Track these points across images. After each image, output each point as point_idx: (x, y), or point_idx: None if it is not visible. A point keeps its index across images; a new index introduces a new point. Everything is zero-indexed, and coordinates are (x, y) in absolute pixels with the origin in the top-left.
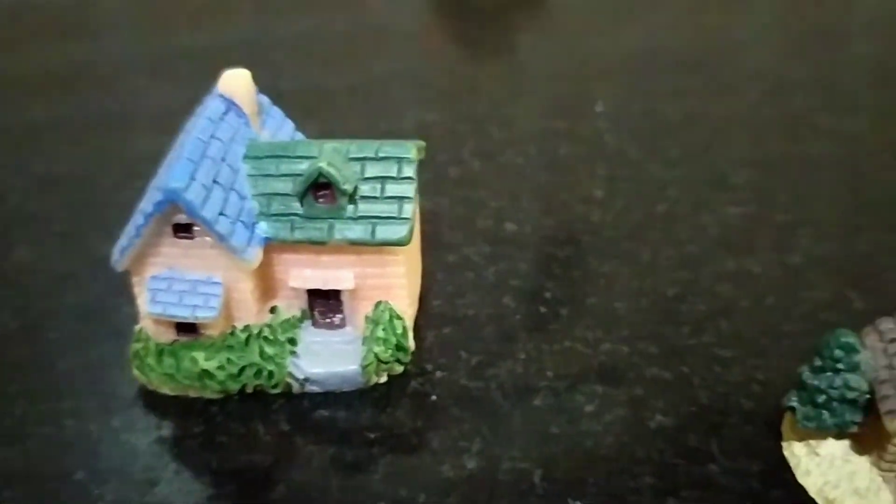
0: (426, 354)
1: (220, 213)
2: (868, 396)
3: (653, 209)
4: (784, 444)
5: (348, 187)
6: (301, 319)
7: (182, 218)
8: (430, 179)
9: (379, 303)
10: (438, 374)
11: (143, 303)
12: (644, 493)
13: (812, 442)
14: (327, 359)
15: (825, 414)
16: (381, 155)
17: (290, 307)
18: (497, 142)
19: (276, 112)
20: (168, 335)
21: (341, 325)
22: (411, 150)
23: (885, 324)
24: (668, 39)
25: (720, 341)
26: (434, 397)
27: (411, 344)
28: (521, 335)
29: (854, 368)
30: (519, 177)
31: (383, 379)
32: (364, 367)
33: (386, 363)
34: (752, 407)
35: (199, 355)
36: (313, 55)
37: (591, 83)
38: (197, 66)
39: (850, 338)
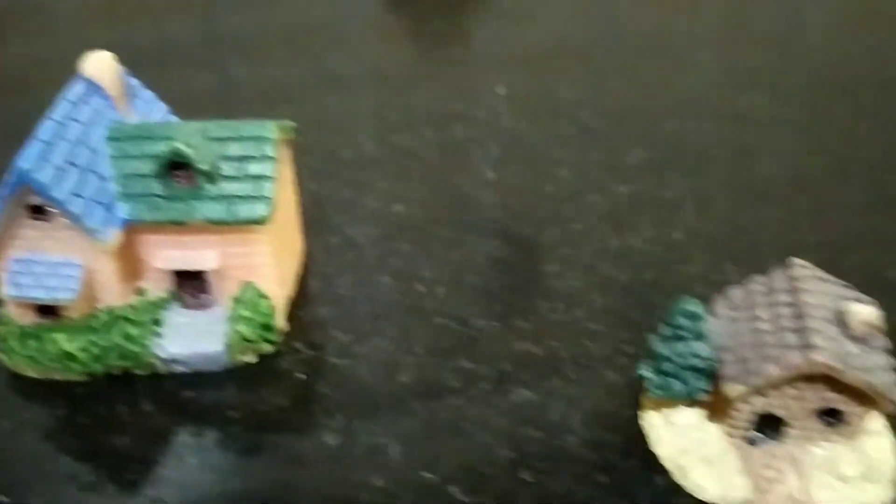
0: (298, 334)
1: (74, 194)
2: (714, 364)
3: (542, 189)
4: (641, 415)
5: (206, 167)
6: (168, 300)
7: (36, 199)
8: (321, 163)
9: (245, 282)
10: (308, 353)
11: (3, 285)
12: (498, 466)
13: (667, 411)
14: (192, 339)
15: (674, 382)
16: (242, 135)
17: (158, 288)
18: (393, 125)
19: (148, 95)
20: (29, 318)
21: (209, 306)
22: (273, 129)
23: (734, 292)
24: (580, 29)
25: (592, 316)
26: (301, 376)
27: (281, 323)
28: (395, 314)
29: (699, 336)
30: (412, 159)
31: (251, 358)
32: (228, 347)
33: (252, 342)
34: (617, 379)
35: (61, 337)
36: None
37: (496, 68)
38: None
39: (694, 306)
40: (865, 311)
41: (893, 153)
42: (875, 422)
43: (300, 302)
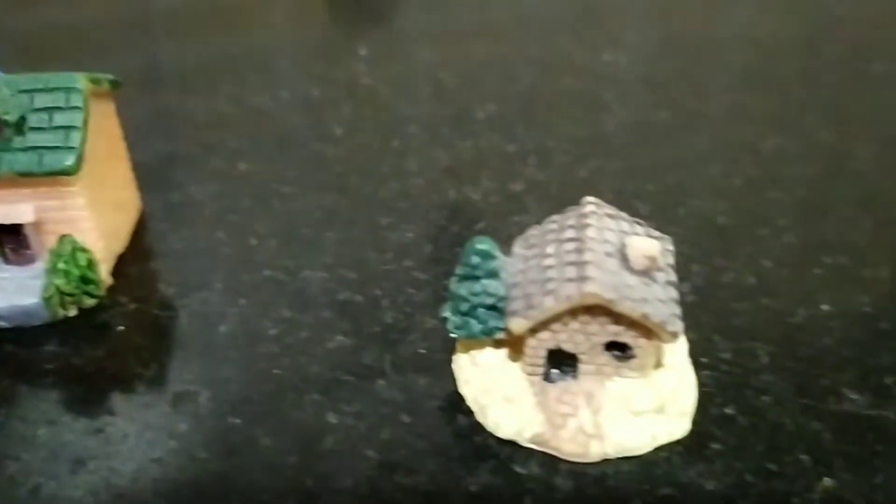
0: (125, 288)
1: None
2: (505, 301)
3: (388, 144)
4: (453, 358)
5: (11, 118)
6: None
7: None
8: (173, 122)
9: (63, 236)
10: (132, 305)
11: None
12: (306, 409)
13: (474, 352)
14: (11, 293)
15: (472, 322)
16: (50, 86)
17: None
18: (251, 86)
19: None
20: None
21: (30, 261)
22: (81, 80)
23: (531, 231)
24: None
25: (419, 265)
26: (121, 328)
27: (104, 277)
28: (224, 266)
29: (491, 275)
30: (265, 118)
31: (72, 312)
32: (46, 300)
33: (71, 296)
34: (435, 325)
35: None
36: None
37: (357, 30)
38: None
39: (486, 245)
40: (644, 245)
41: (737, 107)
42: (674, 357)
43: (131, 257)
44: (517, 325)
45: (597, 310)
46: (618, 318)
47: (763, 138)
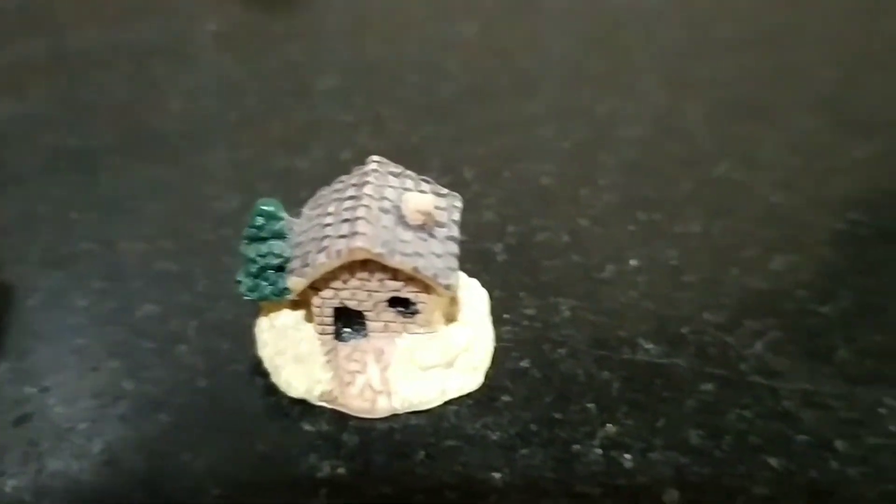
0: None
1: None
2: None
3: (223, 116)
4: (256, 322)
5: None
6: None
7: None
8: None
9: None
10: None
11: None
12: (102, 376)
13: (272, 315)
14: None
15: (262, 283)
16: None
17: None
18: (95, 62)
19: None
20: None
21: None
22: None
23: (321, 191)
24: None
25: (238, 234)
26: None
27: None
28: (41, 240)
29: (278, 235)
30: (102, 95)
31: None
32: None
33: None
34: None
35: None
36: None
37: (208, 4)
38: None
39: (270, 206)
40: (418, 200)
41: (576, 72)
42: (472, 313)
43: None
44: (293, 283)
45: (373, 266)
46: (395, 273)
47: (598, 102)
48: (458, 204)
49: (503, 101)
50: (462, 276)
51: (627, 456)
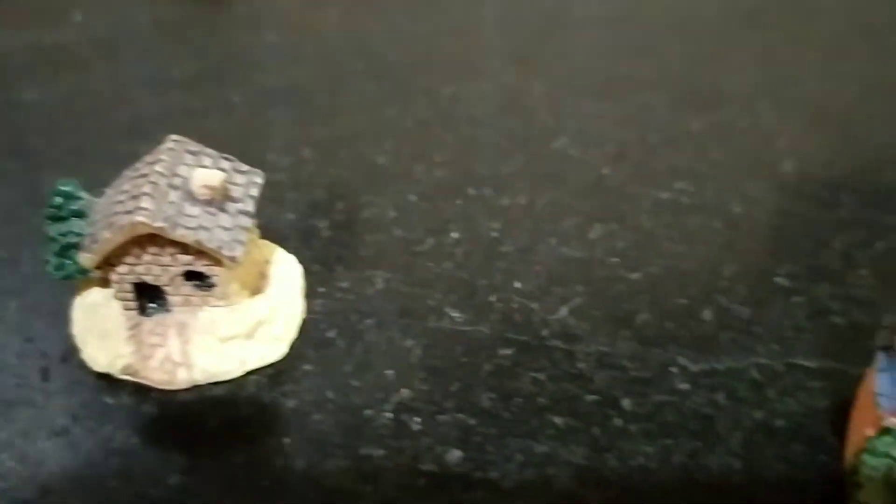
0: None
1: None
2: None
3: (69, 105)
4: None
5: None
6: None
7: None
8: None
9: None
10: None
11: None
12: None
13: (85, 293)
14: None
15: (67, 262)
16: None
17: None
18: None
19: None
20: None
21: None
22: None
23: (125, 172)
24: None
25: None
26: None
27: None
28: None
29: (78, 214)
30: None
31: None
32: None
33: None
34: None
35: None
36: None
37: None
38: None
39: (68, 186)
40: (203, 176)
41: (426, 55)
42: (281, 286)
43: None
44: (83, 259)
45: (162, 241)
46: (185, 247)
47: (445, 84)
48: (258, 180)
49: (351, 84)
50: (278, 251)
51: (417, 419)
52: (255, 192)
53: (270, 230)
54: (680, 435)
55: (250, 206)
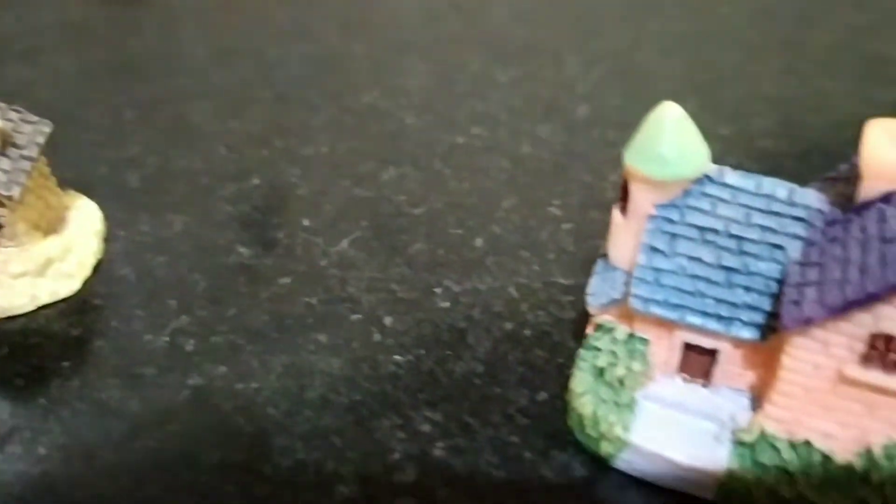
0: None
1: None
2: None
3: None
4: None
5: None
6: None
7: None
8: None
9: None
10: None
11: None
12: None
13: None
14: None
15: None
16: None
17: None
18: None
19: None
20: None
21: None
22: None
23: None
24: None
25: None
26: None
27: None
28: None
29: None
30: None
31: None
32: None
33: None
34: None
35: None
36: None
37: None
38: None
39: None
40: None
41: (265, 22)
42: (77, 229)
43: None
44: None
45: None
46: None
47: (272, 47)
48: (46, 129)
49: (184, 49)
50: (81, 199)
51: (191, 342)
52: (41, 139)
53: (80, 182)
54: (433, 346)
55: (34, 152)
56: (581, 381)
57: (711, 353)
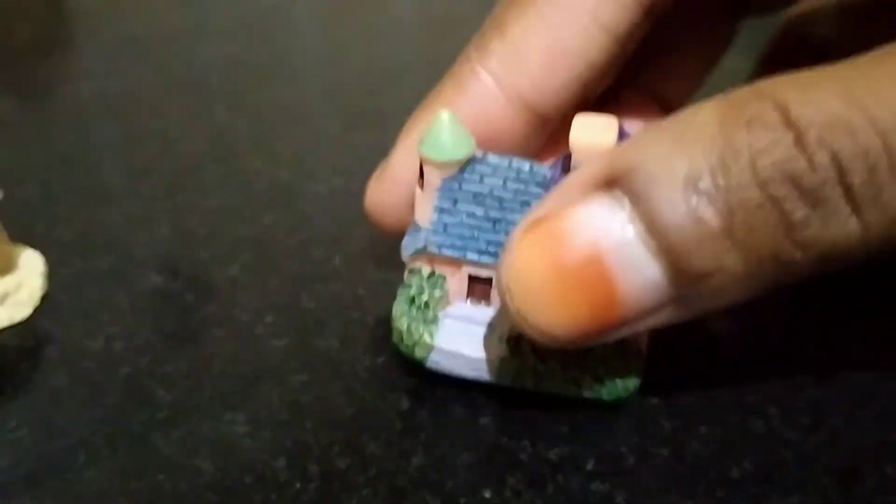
0: None
1: None
2: None
3: None
4: None
5: None
6: None
7: None
8: None
9: None
10: None
11: None
12: None
13: None
14: None
15: None
16: None
17: None
18: None
19: None
20: None
21: None
22: None
23: None
24: None
25: None
26: None
27: None
28: None
29: None
30: None
31: None
32: None
33: None
34: None
35: None
36: None
37: None
38: None
39: None
40: None
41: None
42: (26, 263)
43: None
44: None
45: None
46: None
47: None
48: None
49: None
50: (26, 248)
51: (120, 343)
52: None
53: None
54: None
55: None
56: (398, 308)
57: (488, 281)
